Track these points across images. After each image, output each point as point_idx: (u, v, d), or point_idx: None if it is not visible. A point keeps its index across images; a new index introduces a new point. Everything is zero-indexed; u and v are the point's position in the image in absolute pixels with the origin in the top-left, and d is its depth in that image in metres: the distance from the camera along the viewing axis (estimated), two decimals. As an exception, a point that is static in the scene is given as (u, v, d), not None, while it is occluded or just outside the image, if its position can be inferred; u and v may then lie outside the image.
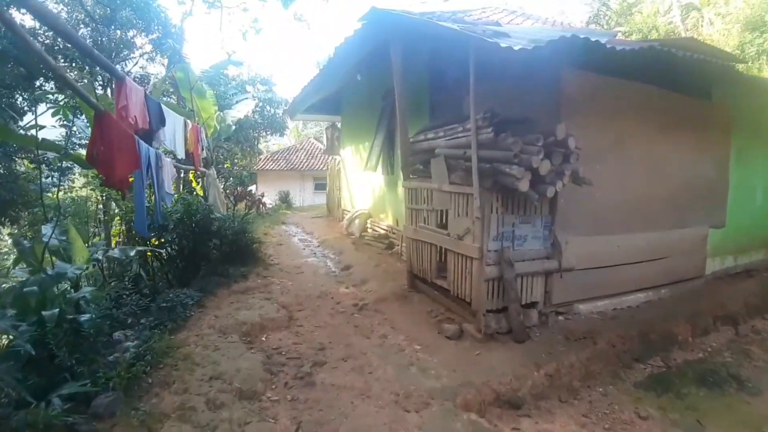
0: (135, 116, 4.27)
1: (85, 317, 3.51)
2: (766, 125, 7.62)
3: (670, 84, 5.52)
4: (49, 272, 3.64)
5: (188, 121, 6.95)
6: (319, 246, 9.62)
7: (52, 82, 11.54)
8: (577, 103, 4.77)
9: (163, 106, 5.33)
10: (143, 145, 4.39)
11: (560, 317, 5.05)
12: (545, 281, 4.83)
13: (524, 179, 3.94)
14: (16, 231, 11.58)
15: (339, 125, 14.14)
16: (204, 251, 6.09)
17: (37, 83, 11.59)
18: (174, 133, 5.73)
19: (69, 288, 4.20)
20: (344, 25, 29.37)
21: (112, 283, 4.94)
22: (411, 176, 5.89)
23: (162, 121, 5.10)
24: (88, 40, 13.30)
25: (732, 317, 5.83)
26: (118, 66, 14.86)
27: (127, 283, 5.01)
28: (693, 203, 6.15)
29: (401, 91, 5.65)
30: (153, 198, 5.23)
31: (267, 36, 69.17)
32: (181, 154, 6.32)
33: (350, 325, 4.89)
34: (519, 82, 4.82)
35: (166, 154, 5.87)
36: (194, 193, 8.28)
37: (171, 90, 14.47)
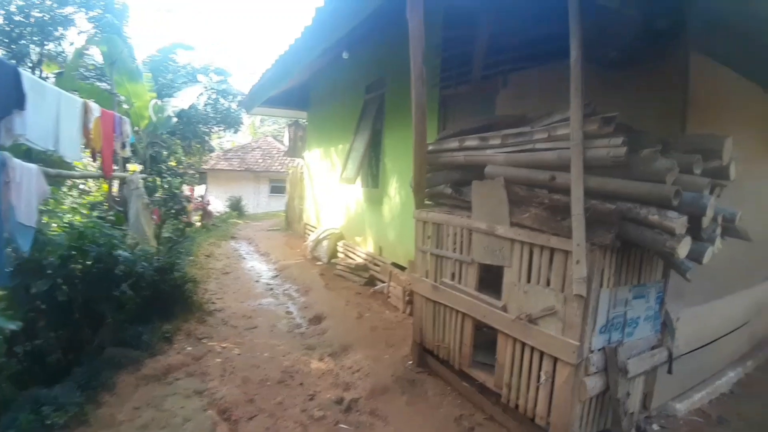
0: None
1: None
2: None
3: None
4: None
5: (93, 105, 4.75)
6: (277, 276, 7.50)
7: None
8: (708, 107, 3.06)
9: (28, 76, 3.17)
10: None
11: (655, 426, 3.31)
12: (646, 379, 3.08)
13: (686, 239, 2.13)
14: None
15: (304, 122, 12.06)
16: (101, 309, 3.90)
17: None
18: (56, 121, 3.58)
19: None
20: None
21: None
22: (428, 203, 3.99)
23: (18, 101, 2.96)
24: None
25: None
26: (49, 47, 12.20)
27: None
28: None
29: (418, 72, 3.70)
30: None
31: (227, 20, 65.18)
32: (72, 155, 4.14)
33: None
34: (618, 67, 3.05)
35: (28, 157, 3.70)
36: (112, 213, 5.99)
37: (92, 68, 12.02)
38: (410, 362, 4.08)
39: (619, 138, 2.24)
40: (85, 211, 6.15)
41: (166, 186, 9.12)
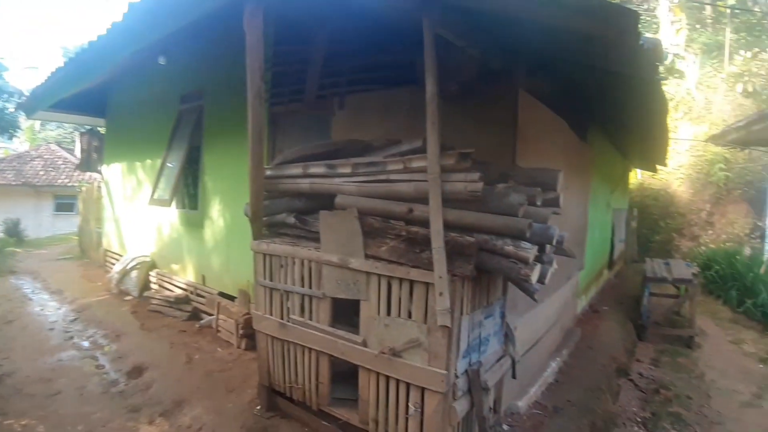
0: None
1: None
2: (607, 161, 7.77)
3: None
4: None
5: None
6: (77, 319, 6.23)
7: None
8: (532, 140, 3.41)
9: None
10: None
11: (505, 426, 3.58)
12: (496, 388, 3.28)
13: (537, 266, 2.29)
14: None
15: (101, 130, 10.40)
16: None
17: None
18: None
19: None
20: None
21: None
22: (267, 233, 3.67)
23: None
24: None
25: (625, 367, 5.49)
26: None
27: None
28: (575, 251, 5.48)
29: (256, 90, 3.37)
30: None
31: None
32: None
33: None
34: (457, 100, 3.21)
35: None
36: None
37: None
38: (258, 408, 3.71)
39: (476, 173, 2.31)
40: None
41: None
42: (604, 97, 4.60)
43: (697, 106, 14.96)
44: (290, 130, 4.94)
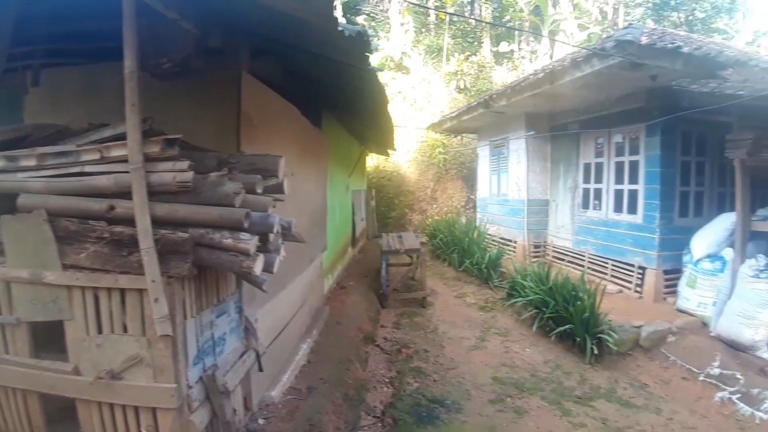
0: None
1: None
2: (343, 146, 8.27)
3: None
4: None
5: None
6: None
7: None
8: (259, 125, 3.32)
9: None
10: None
11: (260, 420, 3.50)
12: (243, 385, 3.17)
13: (260, 256, 2.22)
14: None
15: None
16: None
17: None
18: None
19: None
20: None
21: None
22: None
23: None
24: None
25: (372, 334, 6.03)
26: None
27: None
28: (316, 233, 5.74)
29: None
30: None
31: None
32: None
33: None
34: (174, 79, 2.88)
35: None
36: None
37: None
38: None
39: (184, 162, 2.10)
40: None
41: None
42: (334, 85, 4.82)
43: (420, 98, 17.31)
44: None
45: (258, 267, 2.19)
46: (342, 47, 2.86)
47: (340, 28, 2.33)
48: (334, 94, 5.33)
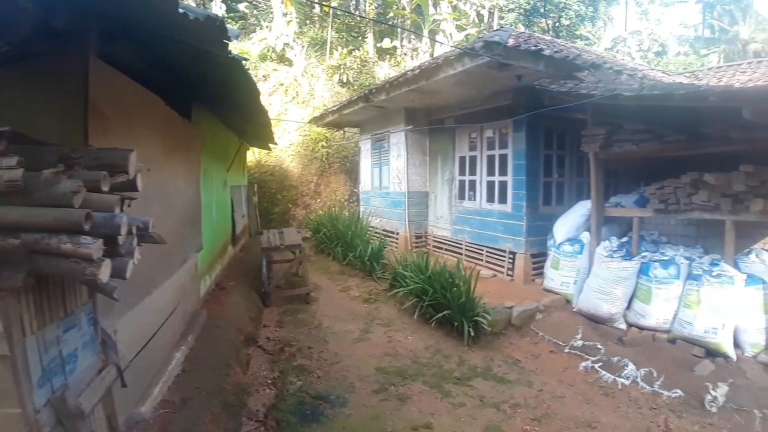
0: None
1: None
2: (219, 140, 7.85)
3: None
4: None
5: None
6: None
7: None
8: (112, 116, 3.00)
9: None
10: None
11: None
12: (104, 404, 2.86)
13: (105, 261, 2.00)
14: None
15: None
16: None
17: None
18: None
19: None
20: None
21: None
22: None
23: None
24: None
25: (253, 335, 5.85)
26: None
27: None
28: (188, 232, 5.39)
29: None
30: None
31: None
32: None
33: None
34: (9, 63, 2.50)
35: None
36: None
37: None
38: None
39: (13, 158, 1.82)
40: None
41: None
42: (202, 75, 4.55)
43: (303, 91, 17.04)
44: None
45: (105, 274, 1.98)
46: (195, 32, 2.69)
47: (181, 10, 2.18)
48: (203, 84, 5.03)
